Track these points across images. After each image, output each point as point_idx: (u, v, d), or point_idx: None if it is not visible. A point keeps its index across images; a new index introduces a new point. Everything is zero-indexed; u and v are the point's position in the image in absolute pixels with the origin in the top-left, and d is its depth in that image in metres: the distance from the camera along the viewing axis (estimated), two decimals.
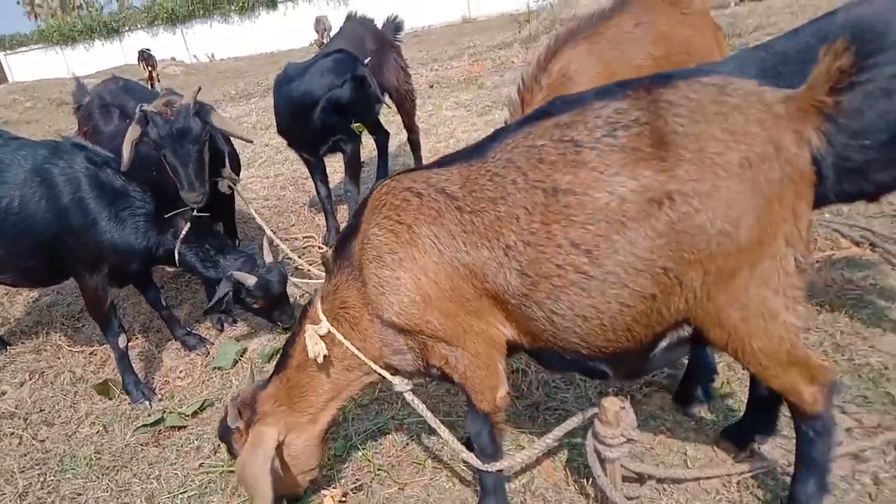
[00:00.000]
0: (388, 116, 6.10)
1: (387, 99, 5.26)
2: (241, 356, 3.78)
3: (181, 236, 3.49)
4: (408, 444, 2.75)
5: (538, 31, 15.80)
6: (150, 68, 20.82)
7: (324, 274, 3.62)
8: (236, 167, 4.28)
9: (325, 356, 2.14)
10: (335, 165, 5.87)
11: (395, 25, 5.64)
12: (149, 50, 21.28)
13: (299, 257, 4.61)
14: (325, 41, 23.64)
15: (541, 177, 1.76)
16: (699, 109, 1.63)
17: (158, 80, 21.33)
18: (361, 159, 5.01)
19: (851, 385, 2.58)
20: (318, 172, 4.96)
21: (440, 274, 1.92)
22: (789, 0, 11.95)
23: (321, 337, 2.14)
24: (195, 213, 3.51)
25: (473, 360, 2.02)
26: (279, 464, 2.30)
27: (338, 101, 4.34)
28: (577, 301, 1.76)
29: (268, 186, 6.54)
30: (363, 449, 2.76)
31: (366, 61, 4.38)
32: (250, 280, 3.46)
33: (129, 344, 3.99)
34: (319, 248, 4.83)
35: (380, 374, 2.23)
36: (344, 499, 2.53)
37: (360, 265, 2.05)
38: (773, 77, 2.15)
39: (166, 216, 3.46)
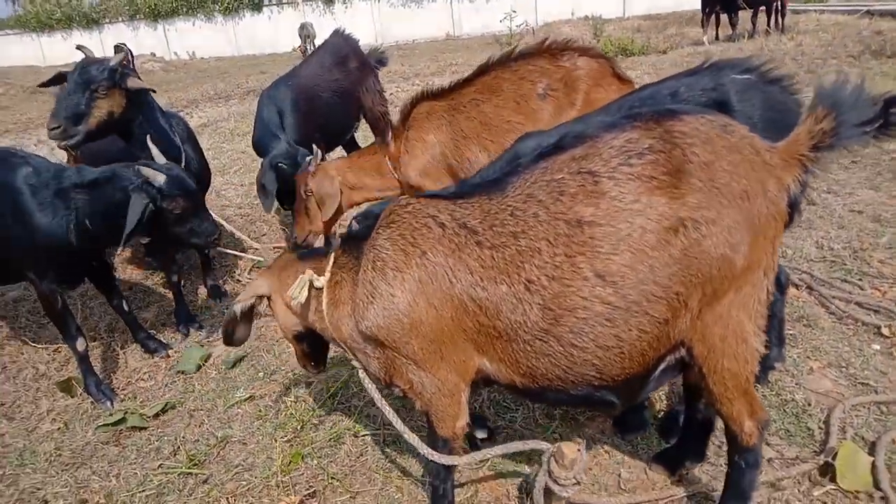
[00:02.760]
0: (365, 130, 6.24)
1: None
2: (205, 361, 3.87)
3: (74, 198, 3.27)
4: (362, 455, 2.88)
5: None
6: (125, 63, 20.70)
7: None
8: (203, 176, 4.34)
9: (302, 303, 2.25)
10: None
11: (379, 57, 5.82)
12: (124, 44, 21.12)
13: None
14: (308, 48, 23.74)
15: (563, 209, 1.79)
16: (710, 142, 1.78)
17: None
18: None
19: (777, 419, 2.79)
20: None
21: (446, 304, 1.95)
22: (759, 44, 12.48)
23: (313, 286, 2.26)
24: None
25: (440, 387, 2.08)
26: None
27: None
28: (601, 332, 1.80)
29: (241, 194, 6.61)
30: (318, 458, 2.88)
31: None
32: (160, 177, 3.22)
33: (94, 344, 4.07)
34: None
35: (342, 348, 2.34)
36: None
37: (362, 267, 2.11)
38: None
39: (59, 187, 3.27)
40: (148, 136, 3.67)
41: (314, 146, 4.18)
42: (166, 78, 22.53)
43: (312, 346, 2.60)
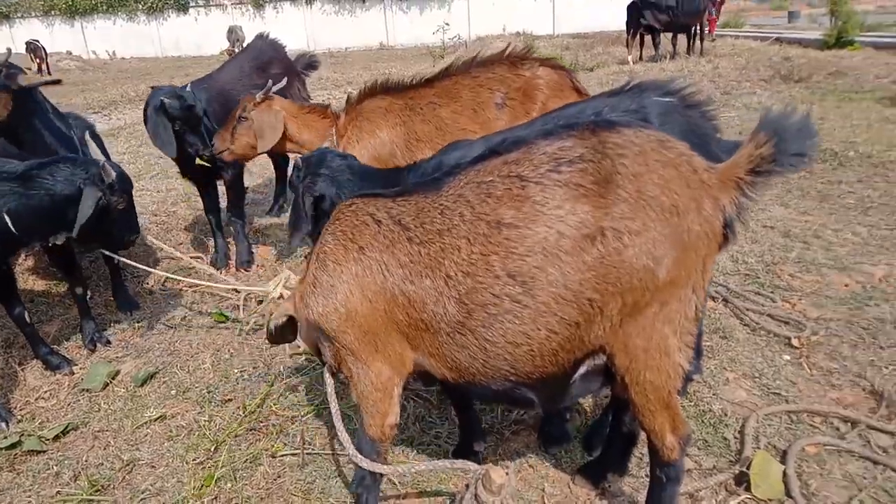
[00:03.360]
0: None
1: None
2: (113, 378, 3.63)
3: None
4: (280, 476, 2.75)
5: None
6: (38, 60, 19.64)
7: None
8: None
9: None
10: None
11: (308, 62, 5.70)
12: (37, 41, 20.08)
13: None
14: (236, 51, 23.11)
15: (486, 210, 1.87)
16: (642, 154, 1.79)
17: (49, 73, 20.11)
18: (264, 182, 5.00)
19: (695, 429, 2.84)
20: (208, 194, 4.89)
21: (379, 297, 2.04)
22: (680, 65, 13.03)
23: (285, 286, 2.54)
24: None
25: (374, 379, 2.14)
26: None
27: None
28: (510, 329, 1.87)
29: (158, 201, 6.32)
30: (232, 480, 2.73)
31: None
32: (113, 172, 3.28)
33: None
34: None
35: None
36: None
37: (310, 260, 2.25)
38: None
39: None
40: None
41: (269, 81, 4.08)
42: (83, 77, 21.49)
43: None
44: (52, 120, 3.70)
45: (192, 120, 4.23)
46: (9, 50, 3.32)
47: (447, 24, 20.22)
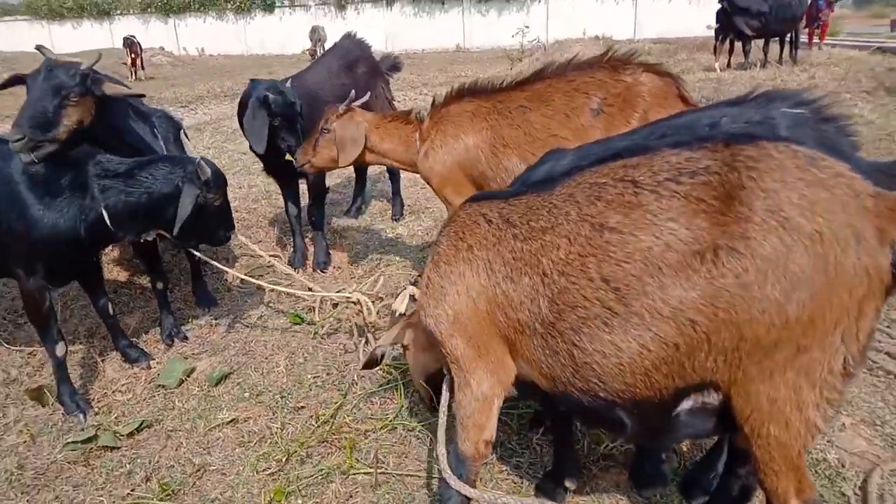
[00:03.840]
0: None
1: None
2: (188, 376, 3.61)
3: (100, 188, 3.18)
4: (351, 497, 2.62)
5: (530, 70, 16.05)
6: (133, 55, 20.54)
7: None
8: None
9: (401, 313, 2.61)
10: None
11: (392, 63, 5.61)
12: (134, 37, 21.02)
13: (259, 277, 4.49)
14: (318, 51, 23.57)
15: (593, 212, 1.80)
16: (780, 169, 1.57)
17: (143, 68, 21.06)
18: (343, 182, 4.94)
19: None
20: (290, 192, 4.86)
21: (482, 296, 2.02)
22: (772, 73, 12.34)
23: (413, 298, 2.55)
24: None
25: (475, 388, 2.08)
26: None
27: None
28: (598, 336, 1.77)
29: (240, 198, 6.38)
30: (303, 497, 2.62)
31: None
32: (209, 169, 3.30)
33: (72, 349, 3.81)
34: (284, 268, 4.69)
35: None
36: None
37: (427, 263, 2.26)
38: None
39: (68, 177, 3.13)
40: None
41: (352, 93, 3.99)
42: (173, 73, 22.41)
43: (433, 387, 2.64)
44: (134, 125, 3.73)
45: (291, 116, 4.19)
46: (99, 55, 3.31)
47: (527, 26, 19.90)
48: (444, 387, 2.40)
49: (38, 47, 3.27)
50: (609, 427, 2.09)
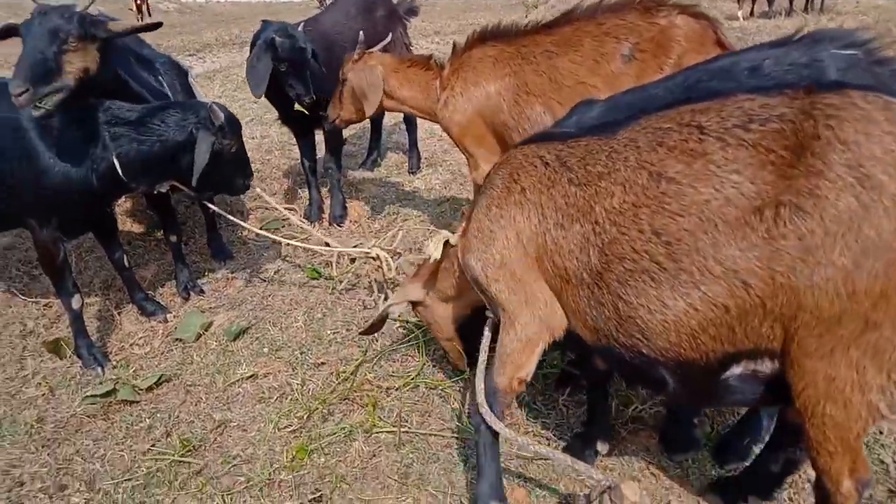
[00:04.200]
0: None
1: None
2: (206, 330, 3.56)
3: (112, 136, 3.05)
4: (375, 456, 2.57)
5: (545, 18, 15.58)
6: (138, 1, 20.07)
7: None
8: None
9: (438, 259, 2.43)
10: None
11: (409, 7, 5.36)
12: None
13: (274, 231, 4.41)
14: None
15: (652, 159, 1.70)
16: (864, 121, 1.42)
17: (149, 14, 20.62)
18: (358, 133, 4.79)
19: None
20: (305, 143, 4.72)
21: (531, 242, 1.96)
22: (798, 22, 11.89)
23: (449, 245, 2.38)
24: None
25: (519, 331, 2.04)
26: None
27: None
28: (645, 290, 1.70)
29: (252, 148, 6.21)
30: (326, 455, 2.58)
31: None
32: (221, 114, 3.15)
33: (88, 301, 3.76)
34: (302, 220, 4.58)
35: (479, 296, 2.31)
36: None
37: (475, 204, 2.19)
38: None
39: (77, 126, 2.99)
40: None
41: (360, 32, 3.82)
42: (181, 20, 21.95)
43: (468, 334, 2.65)
44: (139, 72, 3.57)
45: (299, 62, 3.99)
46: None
47: None
48: (486, 328, 2.37)
49: None
50: (651, 385, 2.02)
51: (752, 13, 14.14)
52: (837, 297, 1.43)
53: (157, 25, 3.37)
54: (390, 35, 4.02)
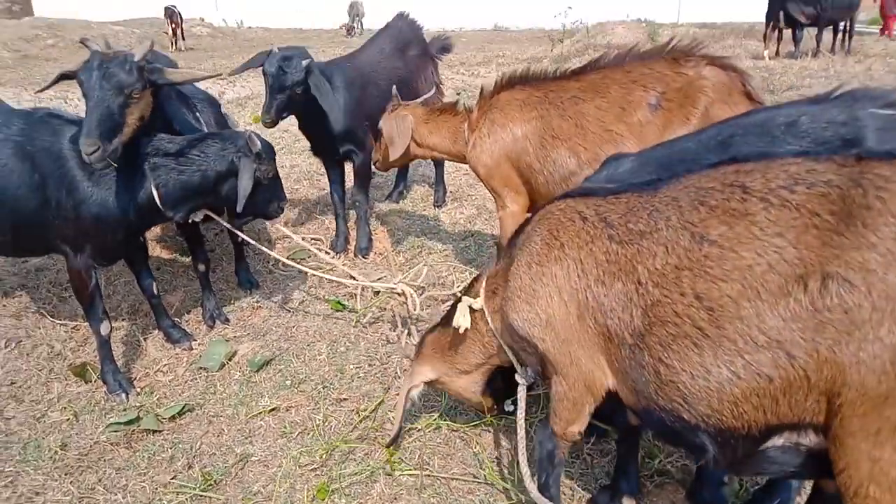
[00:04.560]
0: None
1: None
2: (230, 359, 3.58)
3: (151, 167, 3.13)
4: (396, 500, 2.55)
5: (570, 52, 15.67)
6: (174, 25, 20.58)
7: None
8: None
9: (466, 329, 2.40)
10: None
11: (442, 45, 5.47)
12: (174, 6, 21.03)
13: (301, 261, 4.44)
14: (355, 27, 23.33)
15: (694, 220, 1.67)
16: None
17: (183, 38, 21.10)
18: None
19: None
20: (335, 174, 4.79)
21: (572, 299, 1.95)
22: (824, 63, 11.87)
23: (473, 311, 2.39)
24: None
25: (567, 391, 2.06)
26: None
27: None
28: (687, 355, 1.66)
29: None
30: (347, 496, 2.57)
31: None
32: (258, 143, 3.27)
33: (115, 325, 3.81)
34: (327, 252, 4.62)
35: (510, 358, 2.36)
36: None
37: (515, 262, 2.17)
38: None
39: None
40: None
41: (393, 88, 3.98)
42: (213, 44, 22.45)
43: (496, 387, 2.66)
44: (179, 109, 3.67)
45: (278, 87, 4.15)
46: (152, 43, 3.13)
47: (570, 7, 19.44)
48: (520, 400, 2.36)
49: (83, 41, 3.17)
50: (690, 450, 1.97)
51: (777, 53, 14.12)
52: (885, 376, 1.38)
53: (216, 76, 3.69)
54: (434, 89, 4.12)
